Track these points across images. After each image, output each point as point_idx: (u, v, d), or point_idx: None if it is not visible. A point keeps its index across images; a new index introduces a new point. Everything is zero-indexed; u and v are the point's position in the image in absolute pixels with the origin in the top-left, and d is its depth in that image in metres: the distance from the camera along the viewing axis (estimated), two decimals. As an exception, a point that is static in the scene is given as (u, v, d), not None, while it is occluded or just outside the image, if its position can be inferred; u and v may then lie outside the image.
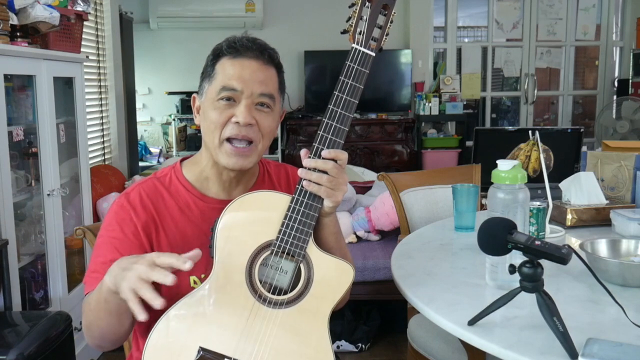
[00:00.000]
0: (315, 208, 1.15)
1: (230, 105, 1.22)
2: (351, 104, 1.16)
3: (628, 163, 1.97)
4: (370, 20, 1.17)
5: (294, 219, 1.15)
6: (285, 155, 5.45)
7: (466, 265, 1.54)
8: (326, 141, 1.16)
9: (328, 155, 1.15)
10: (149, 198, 1.26)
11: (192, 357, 1.11)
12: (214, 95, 1.23)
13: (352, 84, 1.16)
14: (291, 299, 1.15)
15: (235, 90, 1.21)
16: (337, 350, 2.91)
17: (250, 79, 1.21)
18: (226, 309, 1.14)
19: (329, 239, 1.23)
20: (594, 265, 1.29)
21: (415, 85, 5.88)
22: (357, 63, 1.17)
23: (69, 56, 2.77)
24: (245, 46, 1.23)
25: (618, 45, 6.36)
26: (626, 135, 5.31)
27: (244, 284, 1.14)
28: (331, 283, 1.16)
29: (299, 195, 1.15)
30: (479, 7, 6.39)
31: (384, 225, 3.11)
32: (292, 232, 1.15)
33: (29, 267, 2.60)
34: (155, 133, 5.95)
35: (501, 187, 1.34)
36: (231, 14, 5.49)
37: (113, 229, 1.24)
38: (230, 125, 1.22)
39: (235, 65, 1.22)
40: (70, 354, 2.26)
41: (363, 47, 1.17)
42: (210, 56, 1.27)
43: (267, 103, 1.24)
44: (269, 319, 1.13)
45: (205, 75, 1.27)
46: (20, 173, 2.56)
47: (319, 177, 1.14)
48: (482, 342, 1.10)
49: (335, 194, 1.15)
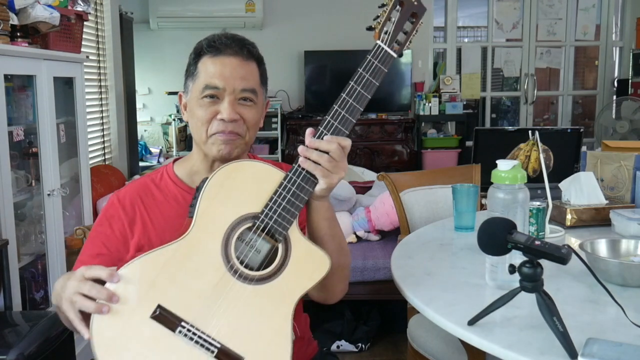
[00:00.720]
0: (307, 191, 1.14)
1: (214, 102, 1.27)
2: (363, 97, 1.17)
3: (628, 163, 1.97)
4: (397, 24, 1.18)
5: (283, 197, 1.13)
6: (285, 155, 5.45)
7: (466, 265, 1.54)
8: (332, 127, 1.16)
9: (331, 139, 1.14)
10: (139, 195, 1.31)
11: (149, 312, 1.07)
12: (197, 93, 1.27)
13: (369, 78, 1.17)
14: (263, 276, 1.12)
15: (218, 88, 1.26)
16: (337, 351, 2.91)
17: (231, 76, 1.26)
18: (194, 273, 1.10)
19: (322, 224, 1.21)
20: (594, 265, 1.29)
21: (415, 85, 5.88)
22: (378, 59, 1.17)
23: (69, 56, 2.77)
24: (225, 44, 1.27)
25: (618, 45, 6.36)
26: (626, 135, 5.31)
27: (218, 251, 1.12)
28: (306, 270, 1.14)
29: (293, 174, 1.15)
30: (479, 7, 6.39)
31: (384, 225, 3.11)
32: (279, 209, 1.13)
33: (29, 267, 2.60)
34: (155, 133, 5.95)
35: (501, 187, 1.34)
36: (231, 14, 5.49)
37: (102, 224, 1.30)
38: (215, 122, 1.27)
39: (216, 63, 1.26)
40: (70, 354, 2.27)
41: (387, 45, 1.18)
42: (192, 55, 1.31)
43: (249, 97, 1.29)
44: (235, 292, 1.10)
45: (188, 73, 1.32)
46: (20, 173, 2.56)
47: (318, 156, 1.13)
48: (482, 342, 1.10)
49: (332, 176, 1.14)
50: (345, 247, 1.28)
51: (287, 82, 5.66)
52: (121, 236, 1.28)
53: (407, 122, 5.62)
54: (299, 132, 5.45)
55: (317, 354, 1.46)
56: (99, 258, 1.26)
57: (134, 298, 1.08)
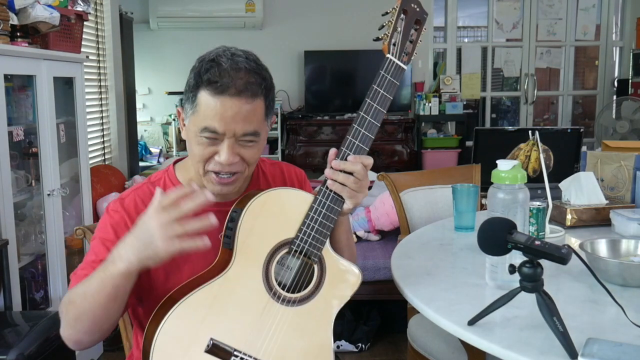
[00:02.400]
0: (336, 211, 1.19)
1: (212, 142, 1.17)
2: (380, 113, 1.20)
3: (628, 163, 1.97)
4: (404, 34, 1.20)
5: (314, 220, 1.18)
6: (285, 155, 5.45)
7: (466, 265, 1.54)
8: (354, 147, 1.19)
9: (355, 160, 1.17)
10: (144, 203, 1.24)
11: (202, 347, 1.12)
12: (196, 130, 1.17)
13: (384, 94, 1.20)
14: (303, 297, 1.18)
15: (217, 133, 1.15)
16: (337, 350, 2.91)
17: (232, 120, 1.14)
18: (241, 303, 1.15)
19: (342, 237, 1.27)
20: (594, 265, 1.29)
21: (415, 85, 5.88)
22: (391, 74, 1.20)
23: (69, 56, 2.77)
24: (226, 85, 1.13)
25: (618, 45, 6.36)
26: (626, 135, 5.31)
27: (260, 279, 1.16)
28: (341, 285, 1.21)
29: (322, 196, 1.19)
30: (479, 7, 6.39)
31: (384, 225, 3.11)
32: (312, 232, 1.18)
33: (29, 267, 2.60)
34: (156, 133, 5.95)
35: (501, 187, 1.34)
36: (231, 14, 5.49)
37: (107, 232, 1.23)
38: (213, 162, 1.19)
39: (217, 103, 1.14)
40: (71, 354, 2.27)
41: (397, 58, 1.20)
42: (191, 78, 1.19)
43: (251, 139, 1.19)
44: (280, 316, 1.16)
45: (187, 97, 1.20)
46: (20, 173, 2.56)
47: (345, 178, 1.17)
48: (482, 342, 1.10)
49: (357, 195, 1.19)
50: (355, 253, 1.34)
51: (287, 82, 5.66)
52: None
53: (407, 122, 5.62)
54: (299, 132, 5.45)
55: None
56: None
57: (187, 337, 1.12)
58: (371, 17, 1.24)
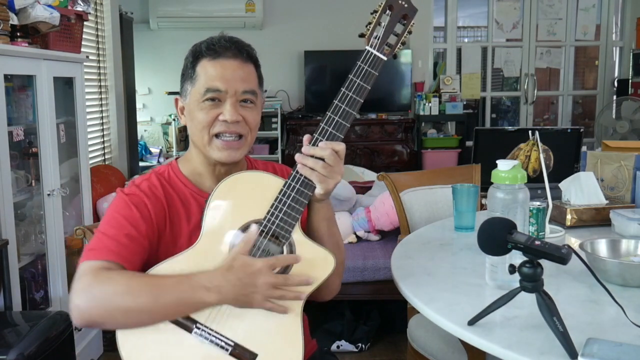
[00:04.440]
0: (306, 195, 1.21)
1: (215, 105, 1.27)
2: (356, 101, 1.21)
3: (628, 163, 1.97)
4: (387, 27, 1.22)
5: (284, 202, 1.20)
6: (285, 155, 5.44)
7: (466, 265, 1.54)
8: (326, 134, 1.21)
9: (325, 146, 1.20)
10: (159, 189, 1.29)
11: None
12: (198, 96, 1.27)
13: (360, 83, 1.21)
14: None
15: (220, 91, 1.26)
16: (337, 351, 2.91)
17: (232, 78, 1.26)
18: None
19: (321, 224, 1.27)
20: (594, 265, 1.29)
21: (415, 85, 5.88)
22: (368, 64, 1.22)
23: (69, 56, 2.77)
24: (224, 46, 1.27)
25: (618, 45, 6.36)
26: (626, 135, 5.31)
27: (225, 256, 1.18)
28: (311, 269, 1.20)
29: (292, 180, 1.21)
30: (479, 7, 6.39)
31: (384, 225, 3.11)
32: (280, 214, 1.20)
33: (29, 267, 2.60)
34: (155, 133, 5.95)
35: (501, 187, 1.34)
36: (231, 14, 5.49)
37: (128, 208, 1.24)
38: (218, 123, 1.27)
39: (216, 66, 1.27)
40: (71, 354, 2.27)
41: (376, 50, 1.22)
42: (189, 58, 1.31)
43: (250, 99, 1.30)
44: None
45: (186, 77, 1.31)
46: (20, 173, 2.56)
47: (314, 163, 1.19)
48: (482, 342, 1.10)
49: (328, 181, 1.20)
50: (341, 244, 1.33)
51: (287, 82, 5.66)
52: (149, 221, 1.24)
53: (407, 122, 5.62)
54: (299, 132, 5.45)
55: (316, 352, 1.46)
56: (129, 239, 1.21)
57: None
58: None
